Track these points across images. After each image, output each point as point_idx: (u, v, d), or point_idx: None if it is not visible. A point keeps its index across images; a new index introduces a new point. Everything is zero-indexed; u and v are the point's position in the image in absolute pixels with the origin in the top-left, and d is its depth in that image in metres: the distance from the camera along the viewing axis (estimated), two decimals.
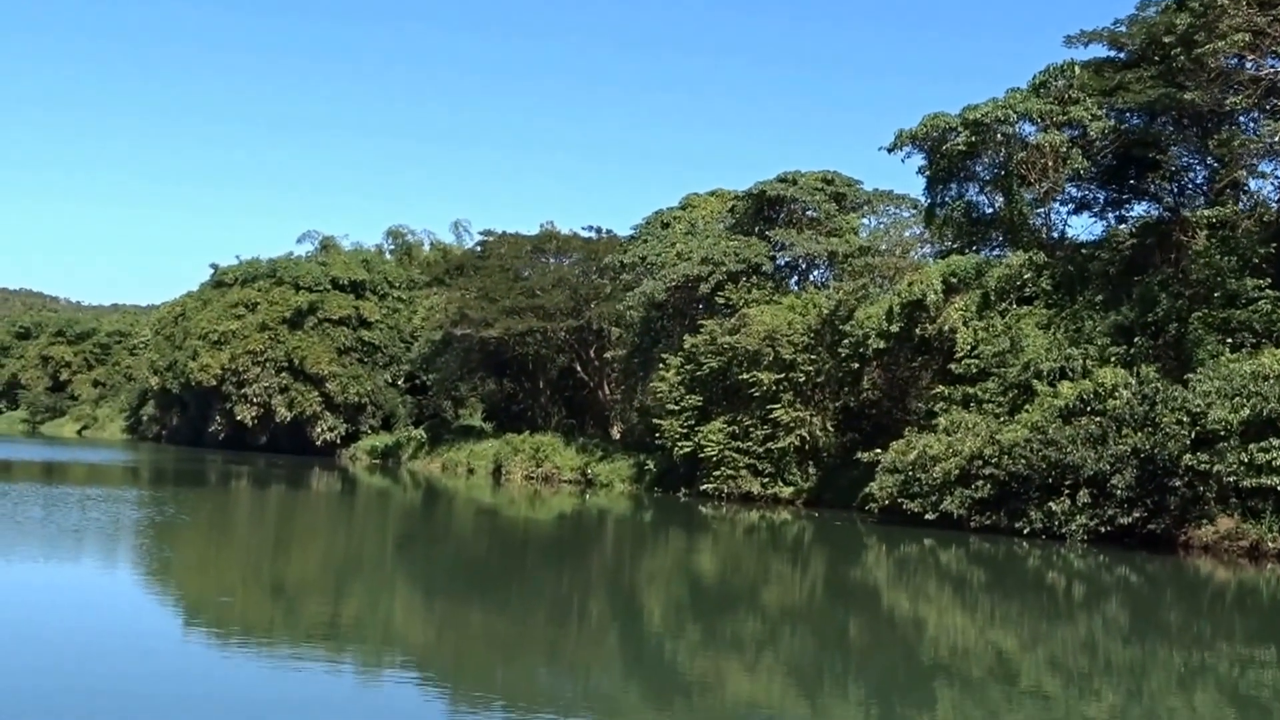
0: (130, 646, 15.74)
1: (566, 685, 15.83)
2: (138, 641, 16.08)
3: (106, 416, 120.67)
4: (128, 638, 16.40)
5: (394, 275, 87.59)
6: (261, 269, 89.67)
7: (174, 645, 16.38)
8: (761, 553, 34.86)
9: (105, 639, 16.17)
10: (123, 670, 14.28)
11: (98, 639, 16.13)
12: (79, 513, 33.17)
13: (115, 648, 15.66)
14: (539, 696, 14.81)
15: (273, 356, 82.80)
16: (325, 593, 22.78)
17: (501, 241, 73.49)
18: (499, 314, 65.42)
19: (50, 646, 15.26)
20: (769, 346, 47.15)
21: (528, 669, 16.44)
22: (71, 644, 15.46)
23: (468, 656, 17.25)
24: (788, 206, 55.24)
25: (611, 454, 58.76)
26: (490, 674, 16.01)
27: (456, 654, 17.48)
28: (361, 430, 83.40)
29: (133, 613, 18.47)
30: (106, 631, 16.78)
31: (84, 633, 16.47)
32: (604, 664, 17.58)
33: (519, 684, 15.51)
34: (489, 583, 25.49)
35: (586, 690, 15.65)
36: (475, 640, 18.47)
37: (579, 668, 17.02)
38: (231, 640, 16.85)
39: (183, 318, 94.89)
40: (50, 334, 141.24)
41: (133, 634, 16.56)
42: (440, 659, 17.11)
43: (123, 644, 15.94)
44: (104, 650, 15.37)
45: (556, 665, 17.08)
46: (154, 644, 16.07)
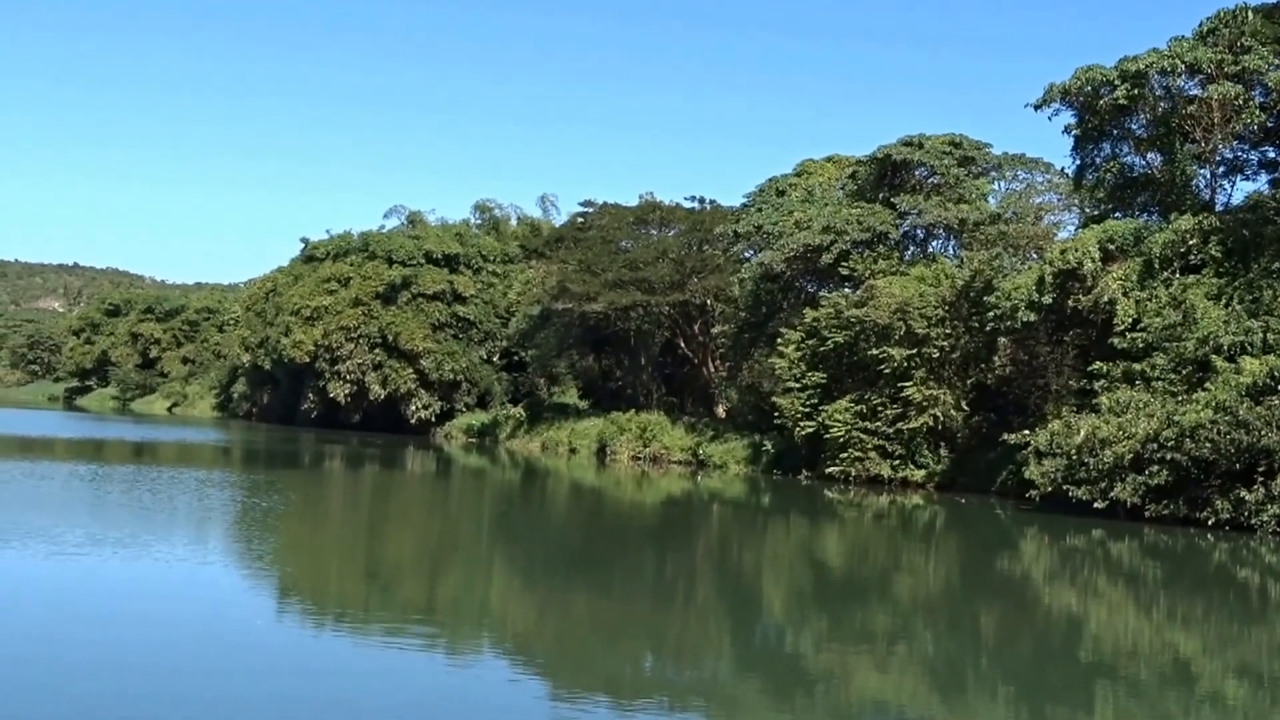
0: (222, 631, 15.34)
1: (675, 674, 15.21)
2: (230, 626, 15.66)
3: (196, 394, 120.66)
4: (220, 621, 15.98)
5: (488, 249, 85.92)
6: (353, 243, 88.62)
7: (268, 627, 16.01)
8: (893, 540, 33.42)
9: (197, 623, 15.73)
10: (213, 658, 13.88)
11: (189, 622, 15.72)
12: (170, 495, 32.83)
13: (207, 632, 15.26)
14: (645, 685, 14.28)
15: (366, 332, 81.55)
16: (422, 576, 22.26)
17: (603, 213, 71.32)
18: (601, 287, 63.40)
19: (140, 628, 15.01)
20: (900, 320, 44.50)
21: (633, 656, 15.95)
22: (162, 626, 15.20)
23: (569, 642, 16.86)
24: (913, 171, 52.03)
25: (723, 434, 56.26)
26: (592, 660, 15.49)
27: (558, 639, 17.05)
28: (456, 408, 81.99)
29: (225, 596, 18.04)
30: (199, 616, 16.23)
31: (176, 615, 16.08)
32: (717, 653, 16.82)
33: (623, 672, 14.98)
34: (592, 566, 24.81)
35: (697, 680, 14.92)
36: (577, 625, 18.06)
37: (689, 657, 16.28)
38: (325, 623, 16.57)
39: (274, 293, 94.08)
40: (139, 311, 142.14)
41: (225, 618, 16.13)
42: (540, 644, 16.60)
43: (215, 628, 15.54)
44: (195, 635, 15.03)
45: (664, 653, 16.43)
46: (247, 627, 15.74)
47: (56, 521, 23.65)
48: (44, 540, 20.70)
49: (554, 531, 32.58)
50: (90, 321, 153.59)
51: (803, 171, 60.43)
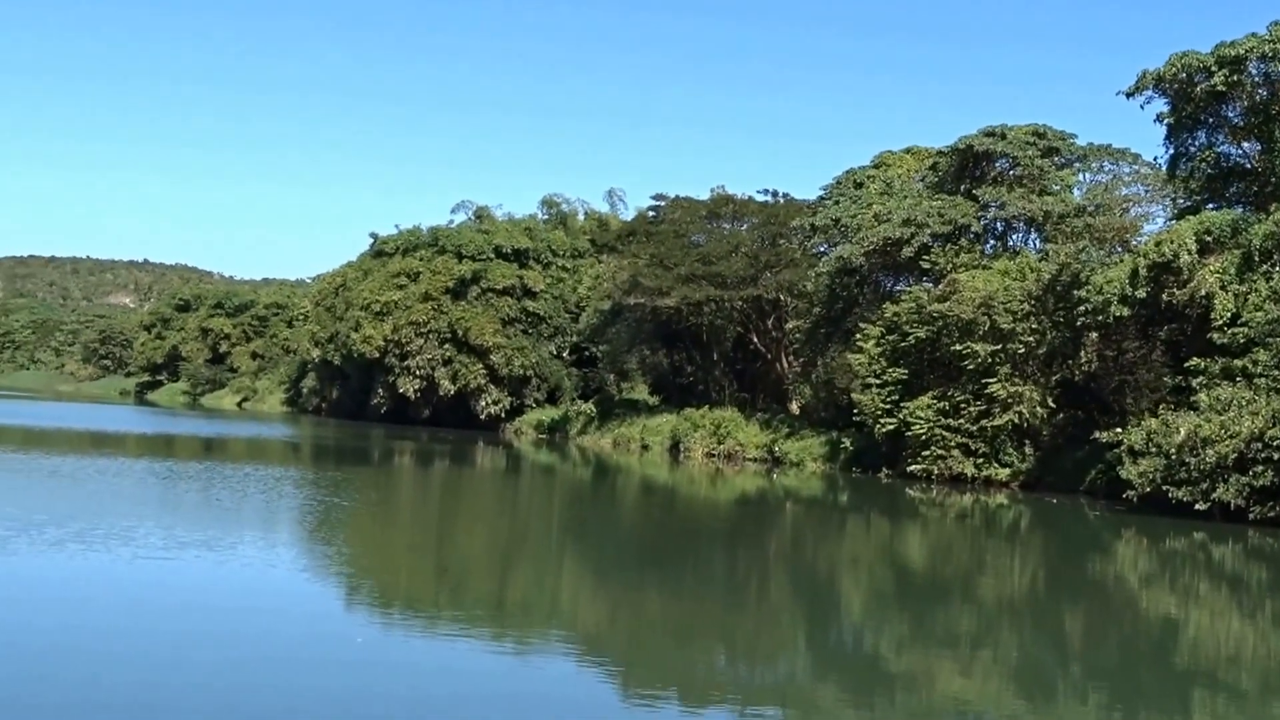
0: (293, 627, 15.40)
1: (749, 675, 15.01)
2: (300, 623, 15.69)
3: (266, 389, 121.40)
4: (291, 618, 15.99)
5: (557, 243, 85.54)
6: (422, 238, 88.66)
7: (338, 623, 15.97)
8: (977, 540, 32.75)
9: (268, 619, 15.77)
10: (284, 652, 14.00)
11: (261, 618, 15.78)
12: (242, 492, 32.87)
13: (277, 627, 15.31)
14: (718, 686, 14.02)
15: (436, 327, 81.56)
16: (492, 573, 22.14)
17: (675, 206, 70.75)
18: (674, 282, 62.86)
19: (212, 625, 14.94)
20: (984, 315, 43.47)
21: (705, 656, 15.74)
22: (233, 623, 15.15)
23: (640, 640, 16.69)
24: (994, 163, 50.91)
25: (799, 430, 55.37)
26: (664, 660, 15.26)
27: (629, 638, 16.88)
28: (526, 404, 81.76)
29: (296, 592, 18.03)
30: (271, 612, 16.30)
31: (247, 611, 16.11)
32: (792, 654, 16.60)
33: (695, 671, 14.76)
34: (664, 564, 24.46)
35: (772, 681, 14.69)
36: (649, 624, 17.85)
37: (763, 657, 16.05)
38: (395, 620, 16.47)
39: (343, 288, 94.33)
40: (209, 306, 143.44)
41: (296, 615, 16.16)
42: (612, 642, 16.44)
43: (285, 624, 15.60)
44: (266, 630, 15.10)
45: (738, 654, 16.18)
46: (318, 624, 15.74)
47: (133, 520, 23.65)
48: (122, 540, 20.68)
49: (626, 529, 32.32)
50: (161, 317, 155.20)
51: (881, 163, 59.50)
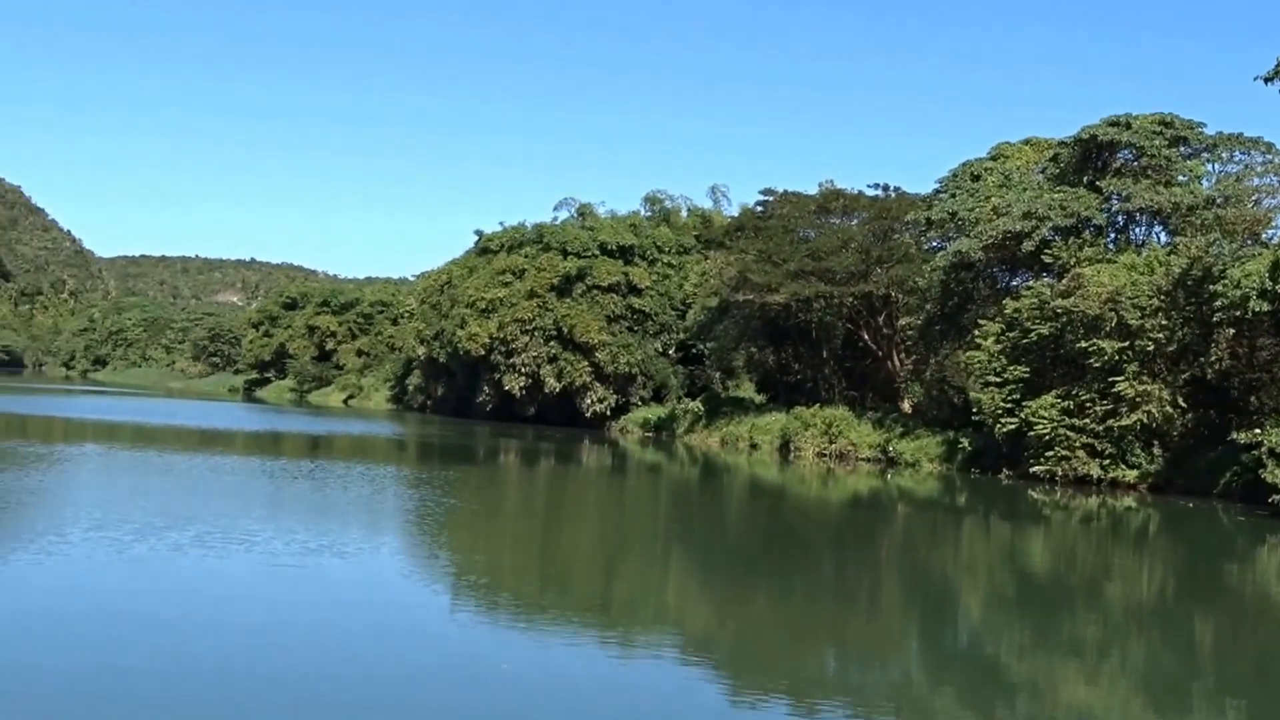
0: (399, 623, 15.55)
1: (862, 678, 14.77)
2: (405, 620, 15.80)
3: (371, 386, 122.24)
4: (396, 616, 16.05)
5: (663, 239, 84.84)
6: (527, 235, 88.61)
7: (442, 621, 15.97)
8: (1103, 544, 31.87)
9: (376, 616, 15.88)
10: (391, 648, 14.06)
11: (369, 614, 15.90)
12: (350, 491, 33.03)
13: (385, 624, 15.44)
14: (829, 688, 13.91)
15: (541, 325, 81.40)
16: (598, 572, 22.17)
17: (783, 201, 69.76)
18: (783, 278, 61.98)
19: (315, 624, 15.06)
20: (1110, 311, 42.01)
21: (816, 658, 15.74)
22: (338, 621, 15.27)
23: (749, 641, 16.59)
24: (1118, 153, 49.28)
25: (913, 430, 54.06)
26: (774, 660, 15.13)
27: (738, 638, 16.79)
28: (631, 402, 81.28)
29: (403, 589, 18.06)
30: (377, 609, 16.44)
31: (352, 608, 16.24)
32: (907, 658, 16.35)
33: (806, 673, 14.66)
34: (774, 565, 24.22)
35: (885, 684, 14.44)
36: (758, 624, 17.72)
37: (877, 660, 15.85)
38: (500, 619, 16.47)
39: (448, 286, 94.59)
40: (315, 304, 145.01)
41: (403, 611, 16.28)
42: (720, 642, 16.39)
43: (392, 620, 15.72)
44: (374, 627, 15.21)
45: (850, 656, 16.03)
46: (422, 621, 15.88)
47: (250, 521, 23.80)
48: (244, 544, 20.67)
49: (734, 529, 31.98)
50: (268, 315, 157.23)
51: (999, 155, 57.99)
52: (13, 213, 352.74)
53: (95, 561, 17.88)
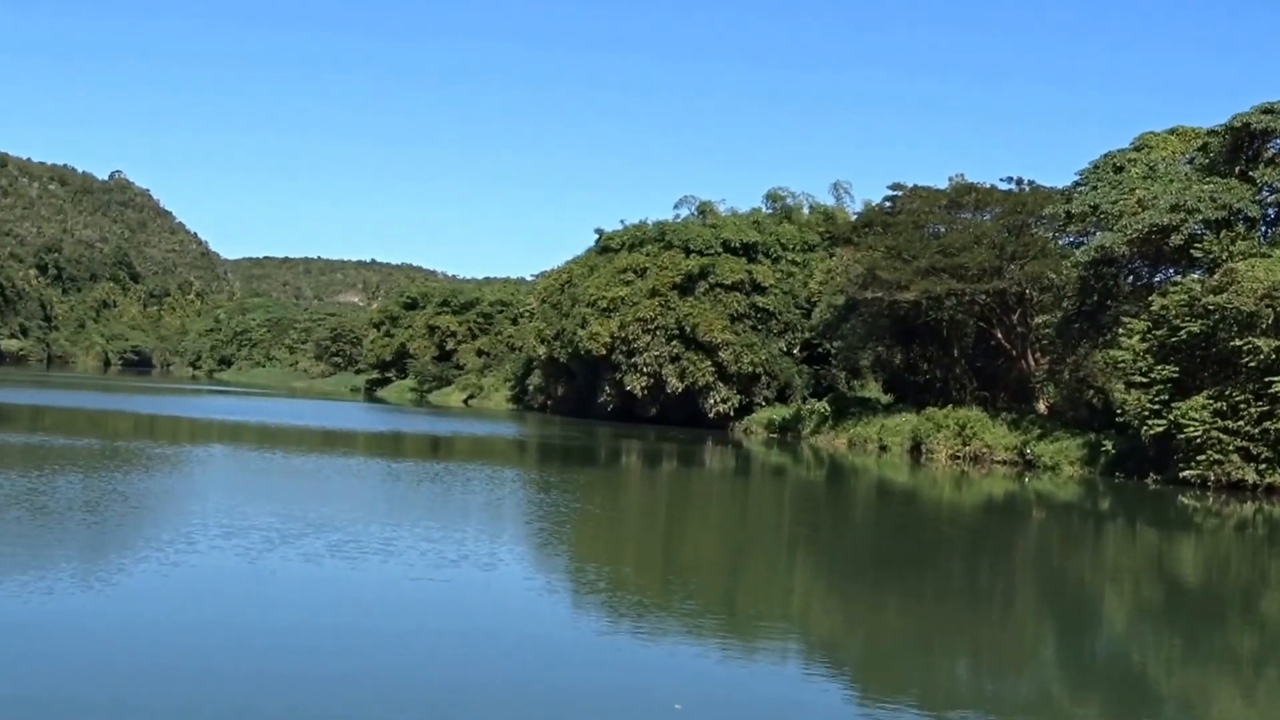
0: (522, 626, 15.40)
1: (997, 687, 14.35)
2: (525, 623, 15.63)
3: (491, 386, 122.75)
4: (516, 619, 15.87)
5: (787, 236, 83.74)
6: (649, 233, 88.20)
7: (563, 625, 15.85)
8: (1260, 553, 30.49)
9: (497, 619, 15.75)
10: (512, 650, 14.10)
11: (490, 618, 15.83)
12: (474, 493, 32.91)
13: (504, 626, 15.37)
14: (962, 697, 13.63)
15: (663, 324, 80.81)
16: (722, 576, 21.82)
17: (913, 196, 68.31)
18: (913, 275, 60.43)
19: (435, 626, 14.97)
20: (1267, 307, 40.11)
21: (948, 665, 15.36)
22: (458, 625, 15.20)
23: (878, 646, 16.37)
24: (1272, 142, 47.26)
25: (1051, 432, 52.27)
26: (904, 667, 14.87)
27: (867, 643, 16.60)
28: (755, 402, 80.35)
29: (525, 592, 17.77)
30: (498, 612, 16.34)
31: (472, 613, 16.14)
32: (1046, 666, 15.80)
33: (937, 680, 14.34)
34: (904, 569, 23.75)
35: (1022, 694, 14.02)
36: (887, 630, 17.44)
37: (1012, 669, 15.37)
38: (624, 621, 16.16)
39: (569, 285, 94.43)
40: (435, 304, 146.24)
41: (521, 615, 16.05)
42: (848, 648, 16.27)
43: (514, 623, 15.62)
44: (493, 629, 15.19)
45: (984, 664, 15.60)
46: (542, 625, 15.70)
47: (373, 523, 23.69)
48: (381, 552, 20.30)
49: (862, 532, 31.40)
50: (389, 315, 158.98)
51: (1142, 145, 55.89)
52: (142, 216, 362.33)
53: (226, 572, 17.50)
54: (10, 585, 15.32)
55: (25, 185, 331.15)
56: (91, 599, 15.01)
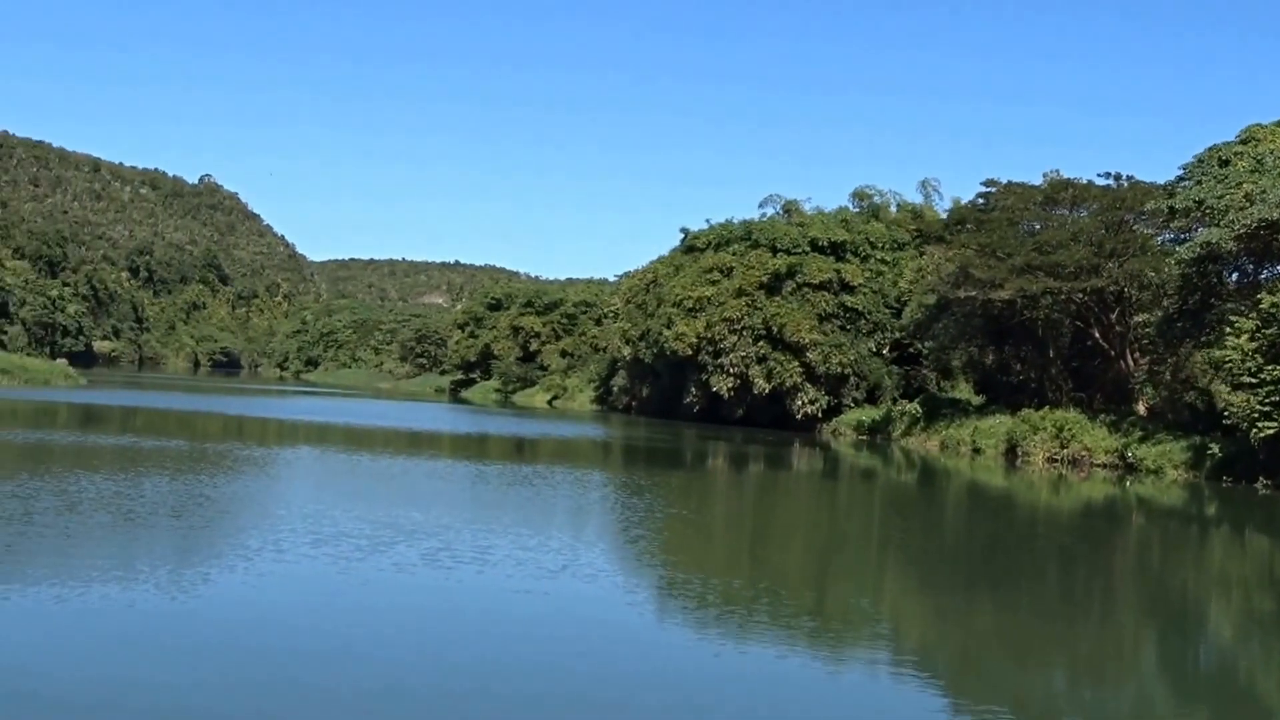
0: (606, 632, 15.35)
1: (1097, 698, 13.81)
2: (632, 638, 15.34)
3: (575, 386, 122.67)
4: (623, 635, 15.60)
5: (876, 235, 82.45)
6: (734, 232, 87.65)
7: (649, 630, 15.79)
8: None
9: (583, 624, 15.57)
10: (600, 657, 14.11)
11: (575, 623, 15.67)
12: (566, 498, 32.59)
13: (590, 632, 15.30)
14: (1060, 707, 13.43)
15: (750, 324, 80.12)
16: (809, 580, 21.57)
17: (1007, 193, 67.02)
18: (1008, 273, 59.11)
19: (543, 643, 14.48)
20: None
21: (1044, 675, 15.04)
22: (568, 642, 14.70)
23: (970, 655, 16.04)
24: None
25: (1153, 434, 50.87)
26: (998, 676, 14.71)
27: (960, 651, 16.24)
28: (844, 403, 79.41)
29: (626, 607, 17.28)
30: (584, 617, 16.17)
31: (559, 614, 15.91)
32: (1149, 678, 15.42)
33: (1033, 690, 14.07)
34: (998, 576, 23.23)
35: (1125, 706, 13.64)
36: (980, 638, 17.17)
37: (1113, 679, 14.84)
38: (709, 627, 15.98)
39: (654, 285, 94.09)
40: (519, 305, 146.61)
41: (626, 629, 15.74)
42: (940, 655, 15.92)
43: (596, 629, 15.48)
44: (581, 634, 15.10)
45: (1082, 674, 15.10)
46: (628, 629, 15.71)
47: (466, 529, 23.41)
48: (471, 559, 19.88)
49: (954, 537, 30.82)
50: (473, 315, 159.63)
51: (1249, 138, 54.18)
52: (230, 219, 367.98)
53: (317, 582, 17.08)
54: (92, 596, 14.97)
55: (118, 189, 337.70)
56: (176, 612, 14.54)
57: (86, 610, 14.29)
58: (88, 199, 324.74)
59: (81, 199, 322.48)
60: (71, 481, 26.35)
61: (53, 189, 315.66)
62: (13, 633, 13.26)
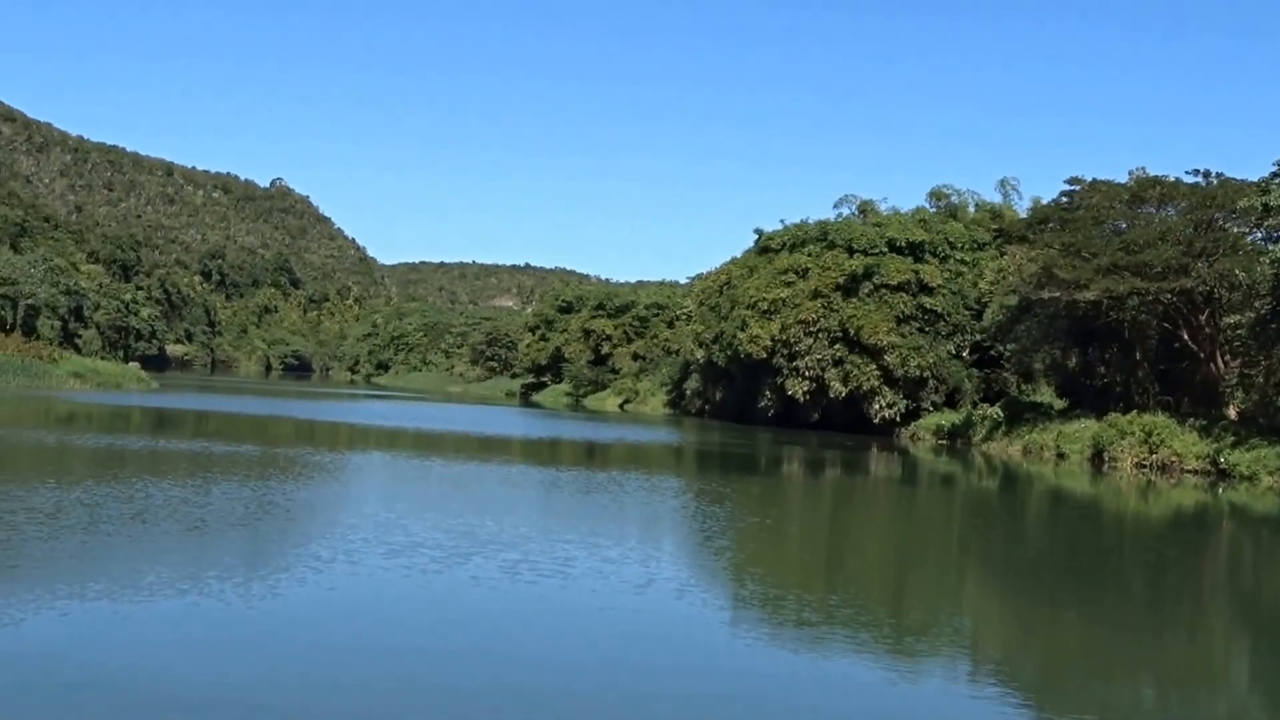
0: (677, 640, 15.25)
1: (1186, 711, 13.69)
2: (684, 636, 15.41)
3: (647, 390, 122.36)
4: (681, 631, 15.81)
5: (955, 235, 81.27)
6: (810, 232, 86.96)
7: (722, 638, 15.62)
8: None
9: (692, 654, 14.93)
10: (674, 663, 14.14)
11: (687, 655, 15.08)
12: (644, 505, 32.19)
13: (666, 639, 15.36)
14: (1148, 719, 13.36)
15: (826, 326, 79.42)
16: (888, 589, 21.21)
17: (1092, 191, 65.87)
18: (1093, 273, 57.91)
19: (638, 664, 14.23)
20: None
21: (1131, 687, 14.73)
22: (661, 661, 14.43)
23: (1053, 665, 15.77)
24: None
25: (1246, 439, 49.62)
26: (1082, 687, 14.17)
27: (1041, 662, 16.01)
28: (923, 407, 78.50)
29: (717, 626, 16.78)
30: (659, 624, 16.18)
31: (673, 648, 15.26)
32: (1240, 689, 15.06)
33: (1120, 702, 13.80)
34: (1082, 585, 22.75)
35: (1216, 718, 13.39)
36: (1062, 648, 16.86)
37: (1204, 693, 14.64)
38: (785, 635, 15.91)
39: (727, 287, 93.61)
40: (590, 308, 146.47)
41: (719, 649, 15.17)
42: (1020, 666, 15.76)
43: (676, 636, 15.46)
44: (656, 640, 15.23)
45: (1171, 687, 14.90)
46: (701, 637, 15.61)
47: (544, 539, 23.14)
48: (553, 572, 19.47)
49: (1039, 545, 30.27)
50: (544, 318, 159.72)
51: None
52: (302, 222, 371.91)
53: (394, 597, 16.56)
54: (160, 610, 14.64)
55: (191, 193, 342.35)
56: (245, 627, 14.19)
57: (167, 615, 14.24)
58: (161, 203, 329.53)
59: (155, 203, 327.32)
60: (139, 488, 26.38)
61: (127, 193, 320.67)
62: (147, 634, 13.49)
